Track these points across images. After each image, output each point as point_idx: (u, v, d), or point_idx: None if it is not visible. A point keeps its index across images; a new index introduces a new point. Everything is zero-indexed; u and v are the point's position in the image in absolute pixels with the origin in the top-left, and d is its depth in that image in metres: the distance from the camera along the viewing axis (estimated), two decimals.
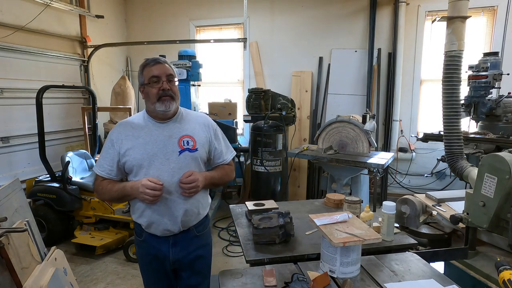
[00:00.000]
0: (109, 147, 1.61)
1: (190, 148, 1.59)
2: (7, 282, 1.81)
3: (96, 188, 1.63)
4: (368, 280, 1.41)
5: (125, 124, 1.64)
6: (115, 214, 3.64)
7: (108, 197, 1.63)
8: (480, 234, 1.97)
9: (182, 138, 1.59)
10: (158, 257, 1.67)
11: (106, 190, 1.58)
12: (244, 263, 1.66)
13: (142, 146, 1.55)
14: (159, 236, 1.63)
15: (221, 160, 1.74)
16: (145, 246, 1.69)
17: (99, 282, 3.06)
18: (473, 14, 4.38)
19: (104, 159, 1.61)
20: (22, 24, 4.05)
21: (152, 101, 1.56)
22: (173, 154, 1.56)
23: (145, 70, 1.58)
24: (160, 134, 1.58)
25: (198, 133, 1.64)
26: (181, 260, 1.68)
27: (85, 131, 4.69)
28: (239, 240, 1.81)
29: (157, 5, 5.85)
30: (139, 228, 1.69)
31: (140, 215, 1.62)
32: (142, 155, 1.54)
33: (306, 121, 5.30)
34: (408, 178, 5.07)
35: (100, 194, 1.62)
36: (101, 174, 1.60)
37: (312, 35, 5.27)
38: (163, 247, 1.65)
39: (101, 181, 1.61)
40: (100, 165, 1.61)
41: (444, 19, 2.62)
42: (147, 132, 1.58)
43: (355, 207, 1.92)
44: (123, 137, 1.59)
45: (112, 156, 1.59)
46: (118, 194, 1.57)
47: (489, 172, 1.64)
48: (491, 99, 3.44)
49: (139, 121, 1.63)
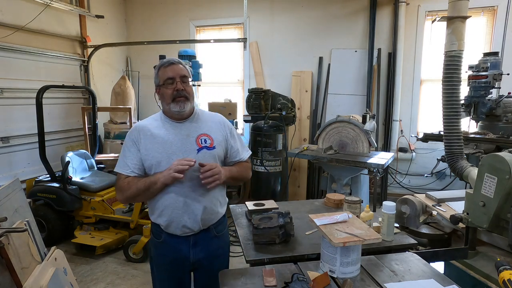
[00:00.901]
0: (130, 146, 1.61)
1: (208, 146, 1.62)
2: (7, 282, 1.81)
3: (120, 186, 1.59)
4: (368, 280, 1.41)
5: (142, 125, 1.65)
6: (115, 214, 3.64)
7: (134, 190, 1.55)
8: (480, 234, 1.97)
9: (200, 137, 1.62)
10: (177, 259, 1.66)
11: (132, 184, 1.56)
12: (244, 263, 1.66)
13: (161, 145, 1.57)
14: (179, 236, 1.63)
15: (237, 158, 1.75)
16: (164, 248, 1.67)
17: (99, 282, 3.06)
18: (473, 14, 4.38)
19: (126, 158, 1.60)
20: (22, 24, 4.05)
21: (167, 101, 1.59)
22: (192, 153, 1.58)
23: (160, 72, 1.61)
24: (178, 134, 1.60)
25: (214, 132, 1.67)
26: (201, 261, 1.68)
27: (85, 131, 4.69)
28: (239, 240, 1.82)
29: (157, 5, 5.85)
30: (157, 229, 1.67)
31: (160, 214, 1.62)
32: (161, 154, 1.56)
33: (306, 121, 5.30)
34: (408, 178, 5.07)
35: (125, 190, 1.57)
36: (126, 173, 1.59)
37: (312, 35, 5.27)
38: (184, 247, 1.64)
39: (124, 178, 1.59)
40: (122, 165, 1.60)
41: (444, 19, 2.62)
42: (165, 132, 1.60)
43: (355, 207, 1.92)
44: (141, 136, 1.60)
45: (134, 155, 1.60)
46: (144, 185, 1.53)
47: (489, 172, 1.64)
48: (491, 99, 3.44)
49: (156, 121, 1.65)
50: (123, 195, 1.59)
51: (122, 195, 1.60)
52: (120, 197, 1.62)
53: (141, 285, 3.03)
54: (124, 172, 1.59)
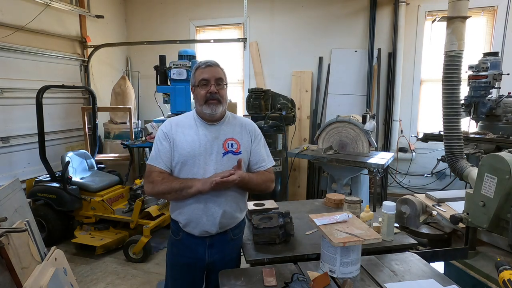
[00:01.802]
0: (162, 139, 1.62)
1: (234, 150, 1.64)
2: (7, 282, 1.81)
3: (153, 179, 1.57)
4: (368, 280, 1.41)
5: (175, 121, 1.68)
6: (115, 214, 3.64)
7: (167, 188, 1.55)
8: (480, 234, 1.96)
9: (227, 141, 1.64)
10: (193, 259, 1.67)
11: (167, 181, 1.56)
12: (244, 263, 1.66)
13: (189, 144, 1.59)
14: (196, 237, 1.64)
15: (258, 165, 1.71)
16: (181, 246, 1.69)
17: (99, 282, 3.06)
18: (473, 14, 4.38)
19: (160, 152, 1.61)
20: (22, 24, 4.05)
21: (200, 103, 1.61)
22: (218, 155, 1.60)
23: (197, 72, 1.63)
24: (208, 135, 1.61)
25: (242, 137, 1.68)
26: (216, 263, 1.68)
27: (85, 131, 4.69)
28: None
29: (157, 5, 5.85)
30: (176, 226, 1.69)
31: (180, 212, 1.64)
32: (189, 153, 1.58)
33: (306, 121, 5.30)
34: (408, 178, 5.07)
35: (158, 184, 1.56)
36: (160, 167, 1.59)
37: (312, 35, 5.27)
38: (200, 248, 1.65)
39: (160, 172, 1.59)
40: (156, 157, 1.61)
41: (444, 19, 2.62)
42: (195, 131, 1.62)
43: (355, 207, 1.92)
44: (174, 132, 1.62)
45: (167, 149, 1.61)
46: (180, 186, 1.54)
47: (489, 172, 1.64)
48: (491, 99, 3.44)
49: (189, 119, 1.67)
50: (154, 189, 1.58)
51: (152, 188, 1.58)
52: (150, 190, 1.60)
53: (141, 285, 3.03)
54: (159, 166, 1.60)
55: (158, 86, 4.11)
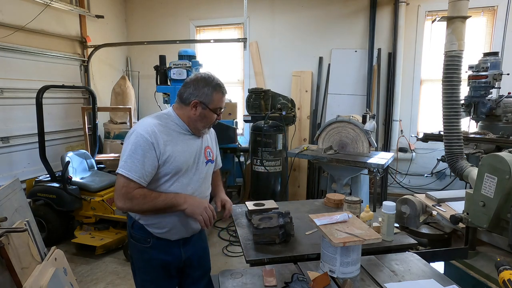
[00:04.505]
0: (146, 150, 1.43)
1: (211, 159, 1.71)
2: (7, 282, 1.81)
3: (132, 196, 1.41)
4: (368, 280, 1.41)
5: (159, 126, 1.50)
6: (115, 214, 3.63)
7: (148, 207, 1.44)
8: (480, 234, 1.97)
9: (207, 149, 1.69)
10: (168, 259, 1.64)
11: (150, 199, 1.43)
12: (244, 263, 1.66)
13: (182, 154, 1.54)
14: (170, 240, 1.63)
15: (217, 166, 1.87)
16: (154, 252, 1.61)
17: (99, 282, 3.06)
18: (473, 14, 4.38)
19: (140, 163, 1.41)
20: (22, 24, 4.05)
21: (203, 124, 1.59)
22: (202, 165, 1.65)
23: (216, 96, 1.55)
24: (193, 144, 1.61)
25: (212, 143, 1.77)
26: (191, 257, 1.72)
27: (85, 131, 4.69)
28: (239, 240, 1.82)
29: (157, 5, 5.85)
30: (145, 234, 1.59)
31: (157, 226, 1.58)
32: (182, 164, 1.53)
33: (306, 121, 5.30)
34: (408, 178, 5.07)
35: (140, 203, 1.43)
36: (139, 181, 1.42)
37: (312, 35, 5.27)
38: (175, 249, 1.65)
39: (138, 188, 1.43)
40: (135, 170, 1.41)
41: (444, 19, 2.62)
42: (184, 141, 1.57)
43: (355, 207, 1.92)
44: (163, 141, 1.47)
45: (151, 161, 1.44)
46: (165, 204, 1.45)
47: (489, 172, 1.64)
48: (491, 99, 3.44)
49: (173, 126, 1.55)
50: (132, 206, 1.45)
51: (130, 205, 1.44)
52: (123, 206, 1.44)
53: None
54: (137, 179, 1.42)
55: (158, 86, 4.11)
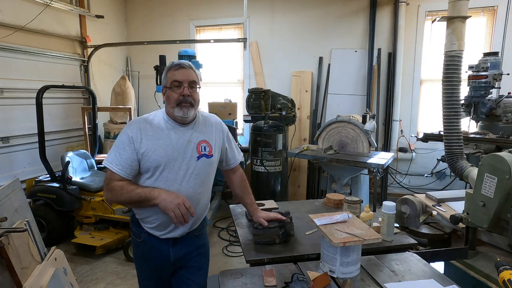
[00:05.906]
0: (126, 144, 1.51)
1: (206, 154, 1.62)
2: (7, 282, 1.81)
3: (111, 187, 1.49)
4: (368, 280, 1.41)
5: (144, 122, 1.56)
6: (115, 214, 3.63)
7: (125, 198, 1.49)
8: (480, 234, 1.96)
9: (201, 143, 1.61)
10: (158, 259, 1.66)
11: (126, 191, 1.48)
12: (244, 263, 1.66)
13: (163, 148, 1.52)
14: (160, 238, 1.63)
15: (233, 161, 1.82)
16: (145, 248, 1.67)
17: (99, 282, 3.06)
18: (473, 14, 4.38)
19: (121, 156, 1.50)
20: (22, 24, 4.05)
21: (171, 105, 1.53)
22: (192, 159, 1.58)
23: (169, 73, 1.56)
24: (180, 138, 1.56)
25: (213, 138, 1.67)
26: (182, 258, 1.69)
27: (85, 131, 4.69)
28: (239, 240, 1.82)
29: (157, 5, 5.85)
30: (138, 228, 1.66)
31: (146, 218, 1.60)
32: (163, 157, 1.51)
33: (306, 121, 5.30)
34: (408, 178, 5.07)
35: (117, 195, 1.49)
36: (119, 173, 1.49)
37: (312, 35, 5.27)
38: (163, 247, 1.65)
39: (118, 180, 1.50)
40: (117, 162, 1.49)
41: (444, 19, 2.62)
42: (167, 135, 1.55)
43: (355, 207, 1.92)
44: (142, 136, 1.52)
45: (130, 154, 1.50)
46: (139, 197, 1.47)
47: (489, 172, 1.64)
48: (491, 99, 3.44)
49: (159, 121, 1.58)
50: (114, 198, 1.52)
51: (112, 197, 1.52)
52: (109, 198, 1.53)
53: None
54: (117, 171, 1.49)
55: (158, 86, 4.12)
